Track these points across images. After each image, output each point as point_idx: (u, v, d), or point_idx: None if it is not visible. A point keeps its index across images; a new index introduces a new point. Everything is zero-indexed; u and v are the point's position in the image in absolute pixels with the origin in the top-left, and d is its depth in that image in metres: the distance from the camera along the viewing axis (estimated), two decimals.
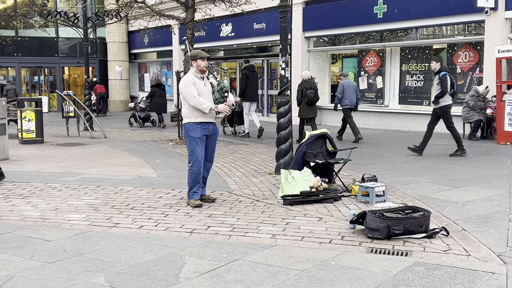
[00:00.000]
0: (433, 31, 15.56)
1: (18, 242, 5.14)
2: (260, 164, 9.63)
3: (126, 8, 16.47)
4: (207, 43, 21.62)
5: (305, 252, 4.76)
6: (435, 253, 4.67)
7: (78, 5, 24.13)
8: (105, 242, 5.11)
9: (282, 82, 8.48)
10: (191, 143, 6.42)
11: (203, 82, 6.50)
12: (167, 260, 4.56)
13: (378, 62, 16.54)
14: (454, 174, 8.45)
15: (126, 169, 9.18)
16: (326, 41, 18.51)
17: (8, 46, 26.75)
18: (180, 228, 5.52)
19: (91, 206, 6.50)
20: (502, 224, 5.58)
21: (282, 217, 5.92)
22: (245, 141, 13.27)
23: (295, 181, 6.78)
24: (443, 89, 10.09)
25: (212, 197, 6.75)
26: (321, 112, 18.07)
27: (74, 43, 27.65)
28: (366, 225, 5.12)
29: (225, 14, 16.82)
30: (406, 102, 15.87)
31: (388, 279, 4.10)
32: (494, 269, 4.30)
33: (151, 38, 25.21)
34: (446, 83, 10.09)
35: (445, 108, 10.28)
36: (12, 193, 7.32)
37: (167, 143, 12.81)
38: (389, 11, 15.47)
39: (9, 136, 10.96)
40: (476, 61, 14.11)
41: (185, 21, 13.48)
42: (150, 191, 7.36)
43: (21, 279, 4.17)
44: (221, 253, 4.73)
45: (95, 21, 18.66)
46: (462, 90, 14.41)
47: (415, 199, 6.70)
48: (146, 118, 18.41)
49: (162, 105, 18.17)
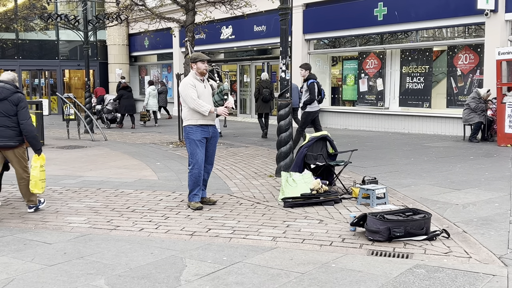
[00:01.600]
0: (434, 33, 15.57)
1: (18, 245, 5.14)
2: (261, 166, 9.63)
3: (126, 11, 16.50)
4: (207, 45, 21.65)
5: (306, 254, 4.76)
6: (436, 255, 4.67)
7: (78, 8, 24.14)
8: (105, 244, 5.11)
9: (283, 85, 8.48)
10: (191, 146, 6.41)
11: (203, 84, 6.50)
12: (167, 263, 4.56)
13: (378, 64, 16.55)
14: (454, 176, 8.45)
15: (127, 171, 9.18)
16: (327, 43, 18.52)
17: (8, 49, 26.79)
18: (180, 231, 5.52)
19: (92, 209, 6.50)
20: (503, 226, 5.58)
21: (282, 219, 5.91)
22: (245, 143, 13.27)
23: (295, 184, 6.78)
24: (311, 97, 10.74)
25: (213, 200, 6.75)
26: (321, 114, 18.02)
27: (75, 46, 27.68)
28: (367, 227, 5.11)
29: (225, 16, 16.84)
30: (406, 104, 15.87)
31: (389, 281, 4.09)
32: (495, 271, 4.29)
33: (152, 40, 25.23)
34: (314, 91, 10.75)
35: (311, 114, 10.91)
36: (12, 196, 7.32)
37: (168, 146, 12.81)
38: (389, 14, 15.48)
39: None
40: (476, 63, 14.11)
41: (186, 24, 13.50)
42: (151, 193, 7.36)
43: (22, 282, 4.16)
44: (221, 256, 4.73)
45: (95, 24, 18.68)
46: (462, 92, 14.42)
47: (416, 201, 6.70)
48: (113, 119, 19.38)
49: (131, 107, 18.98)
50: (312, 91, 10.71)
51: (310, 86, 10.74)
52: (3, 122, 6.16)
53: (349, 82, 17.74)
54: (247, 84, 21.83)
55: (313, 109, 10.85)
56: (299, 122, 14.07)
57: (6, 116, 6.18)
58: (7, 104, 6.18)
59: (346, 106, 18.00)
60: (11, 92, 6.22)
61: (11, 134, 6.20)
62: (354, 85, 17.47)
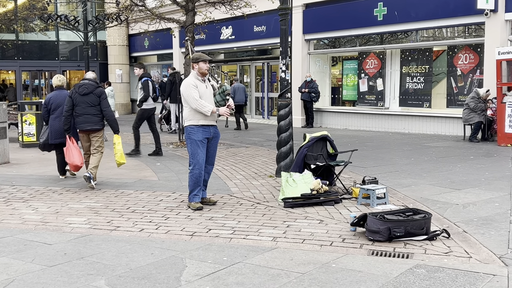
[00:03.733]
0: (433, 33, 15.57)
1: (18, 245, 5.14)
2: (261, 166, 9.63)
3: (126, 12, 16.50)
4: (207, 46, 21.64)
5: (306, 254, 4.76)
6: (436, 255, 4.67)
7: (78, 8, 24.16)
8: (106, 245, 5.11)
9: (283, 85, 8.48)
10: (193, 146, 6.41)
11: (204, 84, 6.50)
12: (168, 263, 4.56)
13: (378, 64, 16.55)
14: (455, 176, 8.44)
15: (127, 172, 9.18)
16: (326, 43, 18.52)
17: (8, 50, 26.80)
18: (181, 231, 5.52)
19: (92, 209, 6.50)
20: (503, 226, 5.57)
21: (283, 219, 5.91)
22: (245, 143, 13.27)
23: (295, 184, 6.78)
24: (146, 94, 11.12)
25: (213, 200, 6.75)
26: (322, 114, 18.11)
27: (75, 47, 27.68)
28: (367, 227, 5.11)
29: (225, 17, 16.83)
30: (406, 104, 15.87)
31: (389, 281, 4.09)
32: (495, 271, 4.29)
33: (152, 41, 25.24)
34: (148, 88, 11.14)
35: (147, 111, 11.26)
36: (13, 196, 7.32)
37: (168, 146, 12.81)
38: (389, 14, 15.48)
39: (9, 139, 10.97)
40: (476, 63, 14.11)
41: (186, 24, 13.49)
42: (151, 194, 7.36)
43: (22, 282, 4.16)
44: (222, 256, 4.73)
45: (95, 25, 18.70)
46: (462, 92, 14.41)
47: (416, 201, 6.70)
48: None
49: None
50: (146, 88, 11.12)
51: (144, 84, 11.16)
52: (90, 111, 7.99)
53: (349, 82, 17.74)
54: (247, 85, 21.84)
55: (148, 107, 11.23)
56: (240, 116, 16.60)
57: (92, 106, 8.00)
58: (92, 96, 8.02)
59: (346, 106, 18.00)
60: (95, 87, 8.10)
61: (96, 120, 8.05)
62: (354, 85, 17.48)
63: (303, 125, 17.77)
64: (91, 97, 7.99)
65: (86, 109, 7.96)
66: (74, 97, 8.00)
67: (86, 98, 7.98)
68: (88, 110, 7.96)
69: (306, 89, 17.33)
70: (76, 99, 8.00)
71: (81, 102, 7.97)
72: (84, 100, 7.97)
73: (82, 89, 8.01)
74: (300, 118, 17.86)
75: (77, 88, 8.04)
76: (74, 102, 7.99)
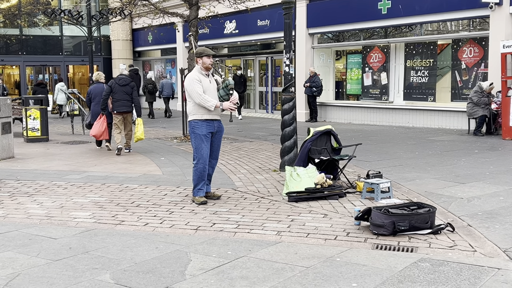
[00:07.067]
0: (438, 26, 15.51)
1: (24, 240, 5.16)
2: (265, 161, 9.63)
3: (130, 6, 16.47)
4: (211, 40, 21.62)
5: (310, 248, 4.76)
6: (440, 249, 4.66)
7: (82, 3, 24.17)
8: (110, 239, 5.12)
9: (286, 79, 8.46)
10: (197, 140, 6.41)
11: (208, 79, 6.50)
12: (172, 257, 4.57)
13: (382, 58, 16.50)
14: (459, 170, 8.43)
15: (131, 166, 9.20)
16: (330, 37, 18.47)
17: (12, 45, 26.83)
18: (185, 225, 5.53)
19: (97, 204, 6.52)
20: (508, 219, 5.56)
21: (287, 214, 5.92)
22: (249, 138, 13.27)
23: (300, 178, 6.78)
24: None
25: (217, 194, 6.76)
26: (326, 108, 18.08)
27: (79, 41, 27.69)
28: (371, 221, 5.11)
29: (229, 11, 16.80)
30: (410, 98, 15.83)
31: (394, 275, 4.09)
32: (500, 264, 4.29)
33: (155, 35, 25.21)
34: None
35: None
36: (17, 191, 7.34)
37: (172, 141, 12.82)
38: (393, 7, 15.42)
39: (14, 134, 11.00)
40: (481, 56, 14.05)
41: (189, 19, 13.47)
42: (155, 188, 7.38)
43: (27, 276, 4.18)
44: (226, 250, 4.73)
45: (99, 19, 18.70)
46: (467, 86, 14.37)
47: (421, 195, 6.69)
48: None
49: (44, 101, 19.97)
50: None
51: None
52: (126, 98, 10.66)
53: (353, 76, 17.71)
54: (251, 79, 21.82)
55: None
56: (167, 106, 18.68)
57: (127, 94, 10.67)
58: (128, 87, 10.71)
59: (351, 100, 17.96)
60: (129, 80, 10.89)
61: (129, 105, 10.75)
62: (358, 79, 17.44)
63: (307, 120, 17.75)
64: (127, 88, 10.67)
65: (123, 95, 10.61)
66: (114, 86, 10.59)
67: (124, 88, 10.62)
68: (124, 97, 10.62)
69: (307, 84, 17.32)
70: (115, 88, 10.58)
71: (120, 91, 10.58)
72: (122, 90, 10.60)
73: (122, 81, 10.70)
74: (304, 112, 17.84)
75: (117, 80, 10.74)
76: (113, 90, 10.57)
